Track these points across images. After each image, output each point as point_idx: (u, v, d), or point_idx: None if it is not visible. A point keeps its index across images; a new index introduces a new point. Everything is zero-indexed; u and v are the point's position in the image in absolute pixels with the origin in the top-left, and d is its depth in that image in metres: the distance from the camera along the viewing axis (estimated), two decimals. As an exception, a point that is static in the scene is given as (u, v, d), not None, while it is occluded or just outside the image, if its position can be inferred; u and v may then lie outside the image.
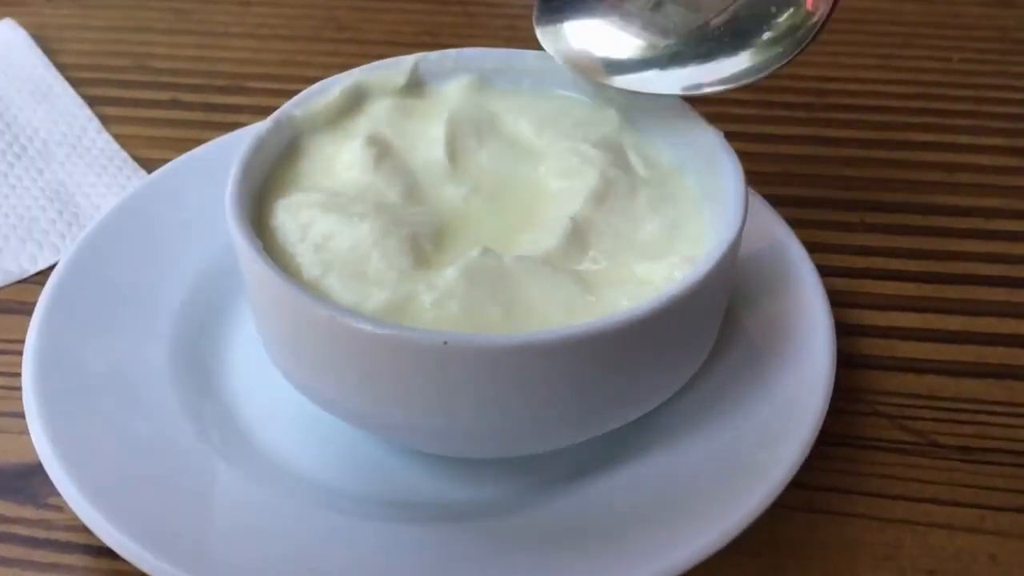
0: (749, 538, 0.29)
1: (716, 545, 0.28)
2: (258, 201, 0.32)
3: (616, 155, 0.33)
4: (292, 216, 0.31)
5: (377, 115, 0.35)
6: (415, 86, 0.36)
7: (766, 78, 0.31)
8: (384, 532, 0.30)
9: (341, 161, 0.33)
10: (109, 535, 0.28)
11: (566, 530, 0.30)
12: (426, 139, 0.34)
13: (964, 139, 0.50)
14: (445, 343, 0.26)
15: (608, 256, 0.30)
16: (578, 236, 0.30)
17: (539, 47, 0.37)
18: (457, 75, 0.37)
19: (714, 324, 0.31)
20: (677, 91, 0.33)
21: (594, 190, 0.31)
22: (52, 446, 0.30)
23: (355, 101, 0.35)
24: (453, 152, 0.33)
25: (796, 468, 0.30)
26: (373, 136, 0.33)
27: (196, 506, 0.30)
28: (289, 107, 0.34)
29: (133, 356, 0.34)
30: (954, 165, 0.47)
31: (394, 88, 0.36)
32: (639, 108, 0.35)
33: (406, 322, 0.28)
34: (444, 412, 0.28)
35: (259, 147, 0.32)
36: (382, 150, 0.33)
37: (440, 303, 0.28)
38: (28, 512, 0.32)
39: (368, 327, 0.26)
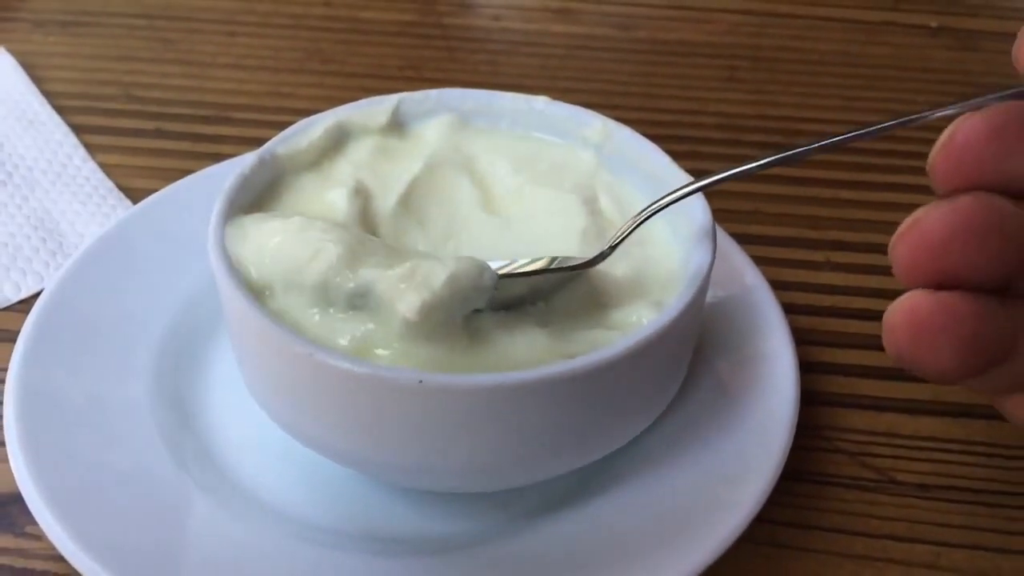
0: (715, 572, 0.29)
1: (683, 579, 0.29)
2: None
3: (588, 199, 0.34)
4: (257, 234, 0.30)
5: (358, 159, 0.35)
6: (396, 125, 0.37)
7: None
8: (360, 565, 0.30)
9: (322, 200, 0.33)
10: (86, 565, 0.29)
11: (536, 563, 0.30)
12: (402, 183, 0.34)
13: (928, 180, 0.50)
14: (420, 382, 0.26)
15: (576, 301, 0.30)
16: (548, 281, 0.30)
17: (519, 87, 0.38)
18: (437, 115, 0.37)
19: (682, 366, 0.32)
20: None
21: (563, 236, 0.32)
22: (31, 475, 0.31)
23: (338, 140, 0.36)
24: (409, 200, 0.34)
25: (761, 504, 0.31)
26: (357, 187, 0.33)
27: (174, 538, 0.30)
28: (273, 144, 0.35)
29: (114, 387, 0.34)
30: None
31: (376, 127, 0.36)
32: (613, 150, 0.36)
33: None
34: (419, 449, 0.28)
35: (242, 184, 0.32)
36: (364, 201, 0.33)
37: (396, 359, 0.28)
38: (6, 540, 0.32)
39: (345, 365, 0.26)
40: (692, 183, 0.30)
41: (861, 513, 0.34)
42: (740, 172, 0.28)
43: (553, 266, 0.30)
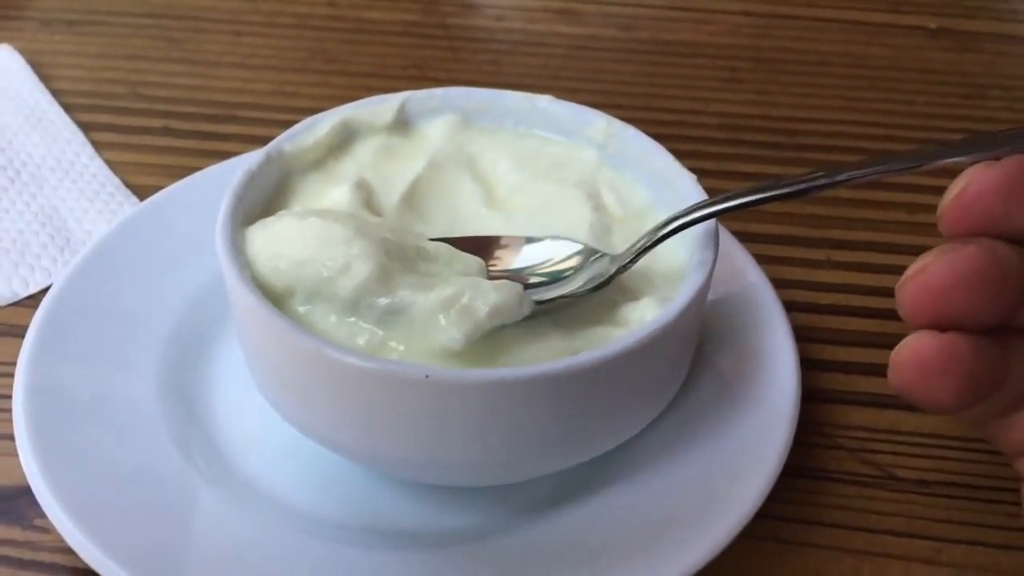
0: (716, 566, 0.29)
1: (685, 573, 0.29)
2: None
3: (591, 194, 0.34)
4: (273, 234, 0.30)
5: (362, 158, 0.35)
6: (401, 124, 0.37)
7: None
8: (365, 559, 0.30)
9: (326, 198, 0.33)
10: (94, 557, 0.29)
11: (540, 556, 0.30)
12: (405, 180, 0.34)
13: (926, 180, 0.50)
14: (427, 377, 0.26)
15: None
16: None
17: (522, 87, 0.38)
18: (442, 114, 0.37)
19: (685, 361, 0.32)
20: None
21: (567, 232, 0.32)
22: (40, 469, 0.31)
23: (343, 138, 0.36)
24: (412, 197, 0.34)
25: (762, 500, 0.31)
26: (359, 182, 0.34)
27: (181, 532, 0.30)
28: (279, 141, 0.35)
29: (121, 382, 0.34)
30: (915, 205, 0.48)
31: (381, 125, 0.36)
32: (615, 148, 0.36)
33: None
34: (426, 443, 0.28)
35: (249, 181, 0.32)
36: (367, 196, 0.33)
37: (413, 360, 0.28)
38: (15, 533, 0.32)
39: (353, 360, 0.27)
40: (713, 203, 0.29)
41: (861, 509, 0.34)
42: (759, 199, 0.28)
43: (592, 260, 0.31)
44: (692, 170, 0.34)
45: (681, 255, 0.32)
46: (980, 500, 0.34)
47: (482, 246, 0.32)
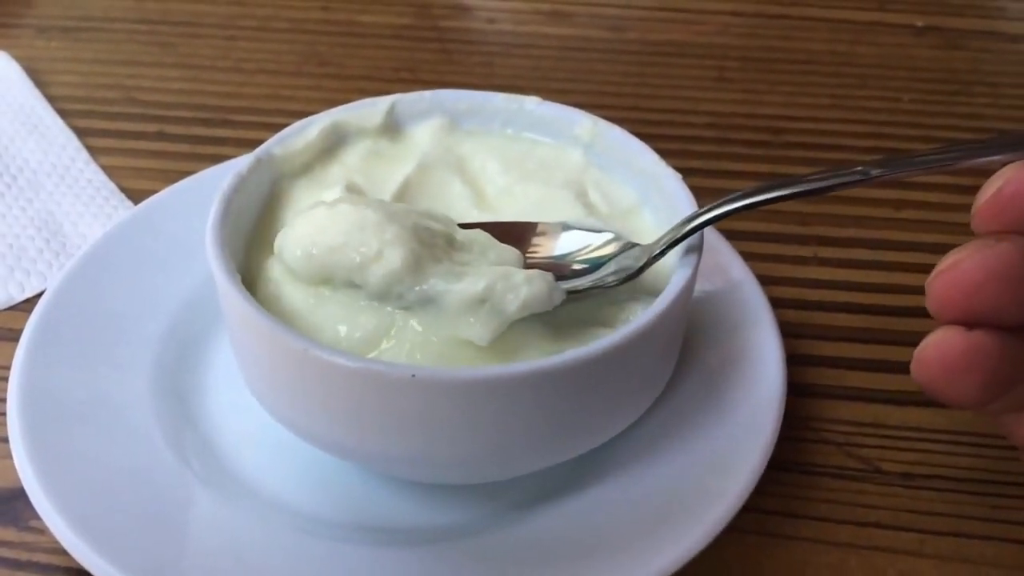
0: (703, 559, 0.29)
1: (673, 566, 0.29)
2: (246, 245, 0.32)
3: (578, 194, 0.34)
4: (300, 225, 0.30)
5: (351, 162, 0.35)
6: (390, 127, 0.37)
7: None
8: (361, 556, 0.30)
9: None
10: (88, 558, 0.29)
11: (531, 551, 0.30)
12: (394, 184, 0.34)
13: (913, 177, 0.50)
14: (413, 376, 0.26)
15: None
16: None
17: (513, 89, 0.38)
18: (430, 116, 0.37)
19: (670, 359, 0.32)
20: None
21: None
22: (35, 471, 0.31)
23: (333, 142, 0.36)
24: (402, 200, 0.34)
25: (748, 493, 0.31)
26: (350, 185, 0.33)
27: (175, 532, 0.30)
28: (269, 145, 0.35)
29: (116, 385, 0.34)
30: (902, 202, 0.48)
31: (371, 128, 0.36)
32: (602, 148, 0.36)
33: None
34: (414, 442, 0.28)
35: (239, 185, 0.32)
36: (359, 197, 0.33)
37: (412, 353, 0.28)
38: (10, 534, 0.32)
39: (340, 360, 0.27)
40: (744, 195, 0.29)
41: (847, 502, 0.34)
42: (788, 195, 0.29)
43: (625, 249, 0.31)
44: (681, 169, 0.34)
45: (668, 253, 0.32)
46: (965, 492, 0.34)
47: (520, 233, 0.32)
